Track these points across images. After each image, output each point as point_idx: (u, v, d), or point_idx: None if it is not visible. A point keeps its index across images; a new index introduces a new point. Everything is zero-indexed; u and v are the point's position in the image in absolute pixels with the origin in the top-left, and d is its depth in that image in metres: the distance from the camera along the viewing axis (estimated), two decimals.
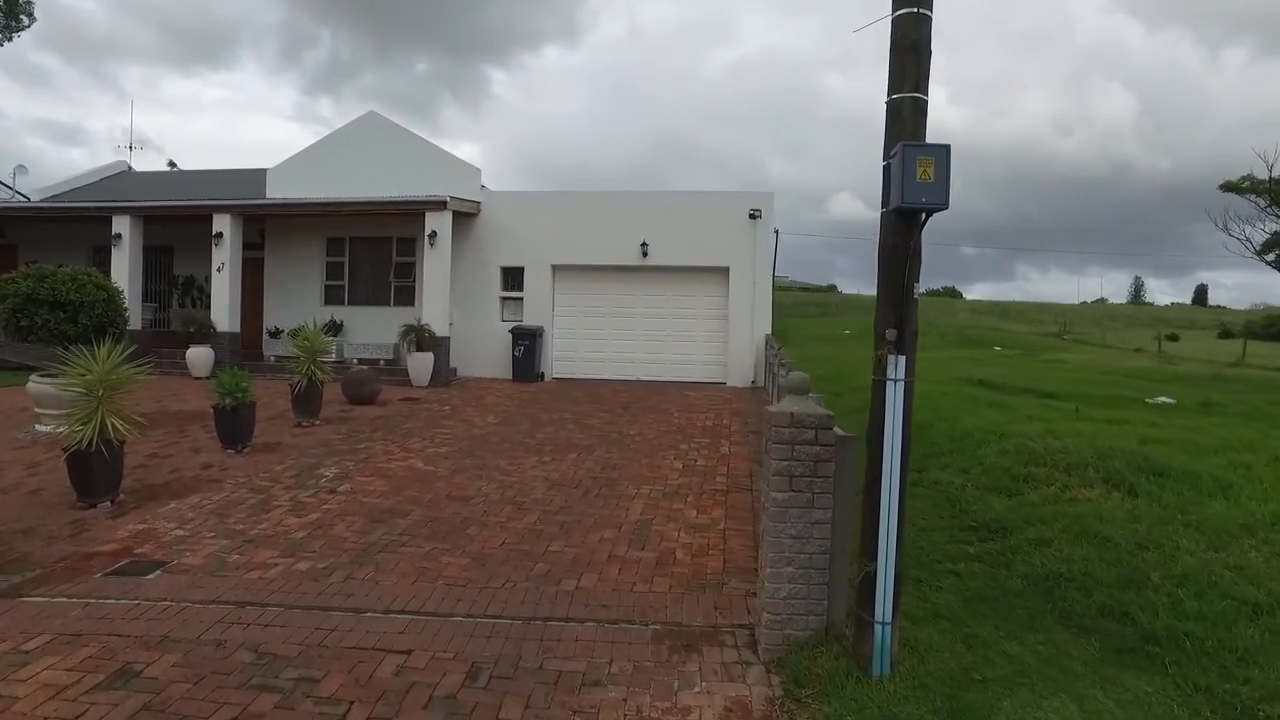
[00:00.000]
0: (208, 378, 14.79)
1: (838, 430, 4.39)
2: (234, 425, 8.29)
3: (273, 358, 16.19)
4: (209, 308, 16.06)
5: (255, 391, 8.77)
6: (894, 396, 3.99)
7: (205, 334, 14.97)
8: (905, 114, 3.96)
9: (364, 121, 16.77)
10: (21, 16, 27.61)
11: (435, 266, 14.75)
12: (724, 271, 15.77)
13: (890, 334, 4.01)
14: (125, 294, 15.35)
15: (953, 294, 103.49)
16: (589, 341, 16.32)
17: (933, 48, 4.07)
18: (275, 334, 16.54)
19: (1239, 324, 57.36)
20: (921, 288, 4.16)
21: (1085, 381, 20.16)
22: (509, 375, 15.81)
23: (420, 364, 14.11)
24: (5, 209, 17.41)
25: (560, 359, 16.38)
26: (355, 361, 15.21)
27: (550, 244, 16.09)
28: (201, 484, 7.27)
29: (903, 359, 3.99)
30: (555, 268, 16.21)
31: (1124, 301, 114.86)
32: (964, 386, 16.42)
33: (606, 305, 16.24)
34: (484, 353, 16.12)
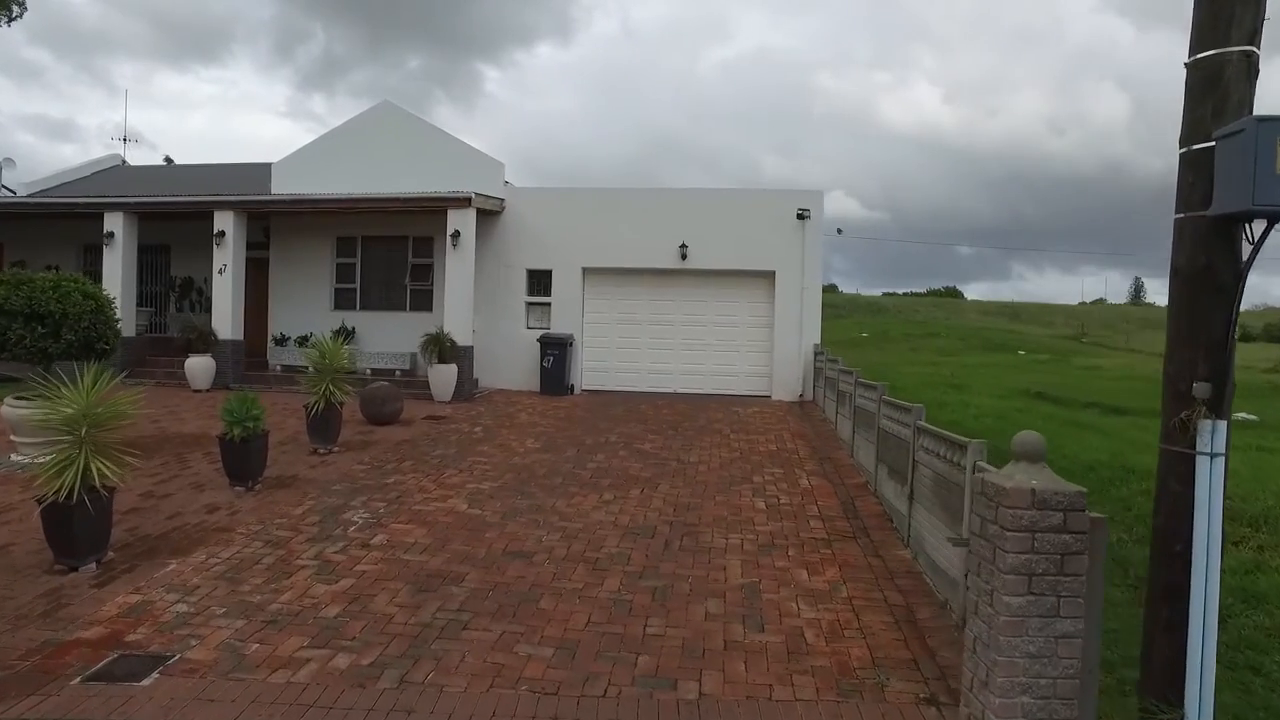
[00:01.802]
0: (209, 390, 13.57)
1: (1090, 512, 3.23)
2: (244, 459, 7.08)
3: (279, 367, 14.98)
4: (209, 311, 14.83)
5: (263, 408, 7.53)
6: (1208, 477, 2.81)
7: (206, 342, 13.72)
8: (1229, 78, 2.77)
9: (377, 112, 15.53)
10: (13, 5, 26.37)
11: (458, 269, 13.51)
12: (769, 276, 14.58)
13: (1200, 389, 2.82)
14: (119, 300, 14.12)
15: (954, 294, 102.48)
16: (622, 351, 15.12)
17: (922, 50, 2.83)
18: (282, 341, 15.31)
19: (1257, 326, 56.43)
20: (921, 287, 3.00)
21: (1138, 393, 19.04)
22: (535, 387, 14.59)
23: (443, 377, 12.88)
24: None
25: (590, 370, 15.17)
26: (368, 372, 13.99)
27: (580, 245, 14.88)
28: (207, 534, 6.06)
29: (1222, 425, 2.81)
30: (586, 270, 14.99)
31: (1124, 301, 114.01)
32: (1027, 400, 15.29)
33: (641, 312, 15.04)
34: (507, 362, 14.91)
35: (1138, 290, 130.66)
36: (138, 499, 6.82)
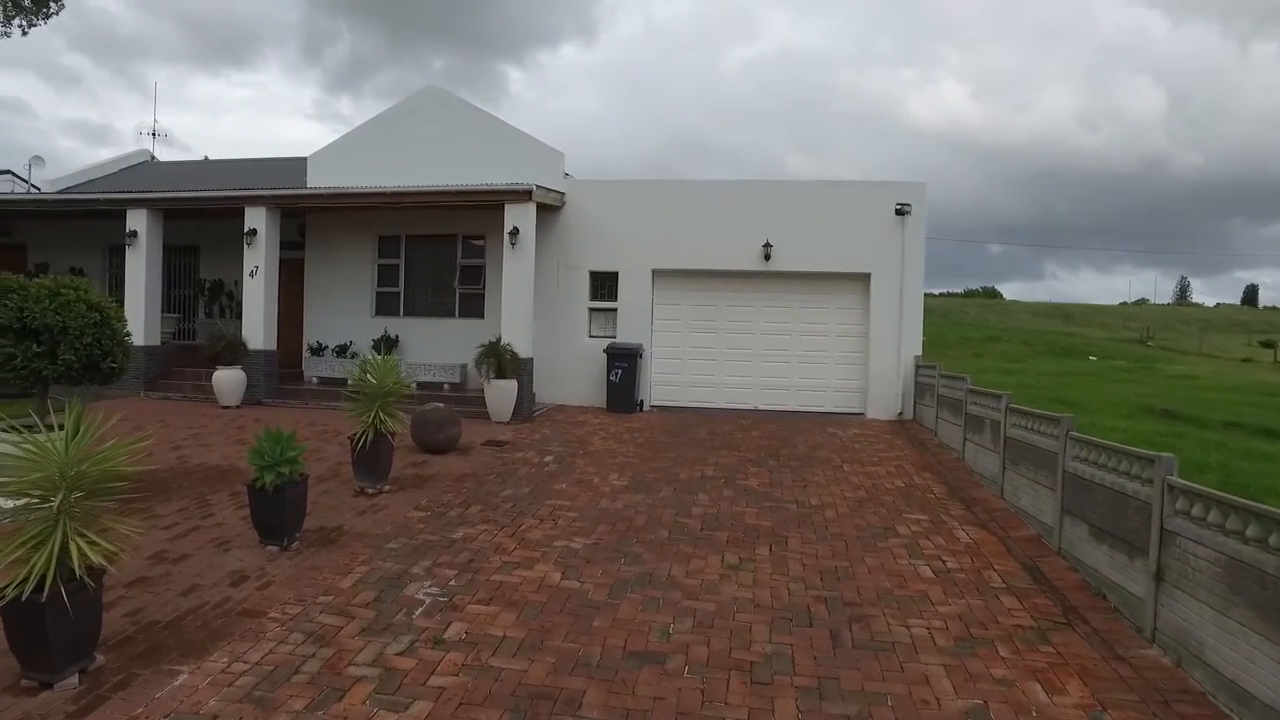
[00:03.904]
0: (238, 406, 12.25)
1: None
2: (278, 511, 5.64)
3: (315, 379, 13.64)
4: (240, 317, 13.53)
5: (296, 430, 6.07)
6: None
7: (235, 352, 12.39)
8: None
9: (423, 97, 14.11)
10: (49, 2, 25.60)
11: (517, 271, 12.01)
12: (864, 279, 12.95)
13: None
14: (142, 305, 12.88)
15: (991, 294, 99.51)
16: (696, 363, 13.54)
17: (948, 46, 1.17)
18: (319, 350, 13.97)
19: None
20: (955, 287, 1.48)
21: (1263, 406, 17.13)
22: (600, 403, 13.09)
23: (501, 394, 11.39)
24: (6, 202, 14.99)
25: (661, 384, 13.62)
26: (414, 386, 12.55)
27: (650, 244, 13.34)
28: (230, 621, 4.60)
29: None
30: (655, 272, 13.44)
31: (1169, 301, 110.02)
32: (1156, 420, 13.49)
33: (718, 319, 13.47)
34: (568, 375, 13.42)
35: (1183, 290, 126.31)
36: (147, 563, 5.41)
